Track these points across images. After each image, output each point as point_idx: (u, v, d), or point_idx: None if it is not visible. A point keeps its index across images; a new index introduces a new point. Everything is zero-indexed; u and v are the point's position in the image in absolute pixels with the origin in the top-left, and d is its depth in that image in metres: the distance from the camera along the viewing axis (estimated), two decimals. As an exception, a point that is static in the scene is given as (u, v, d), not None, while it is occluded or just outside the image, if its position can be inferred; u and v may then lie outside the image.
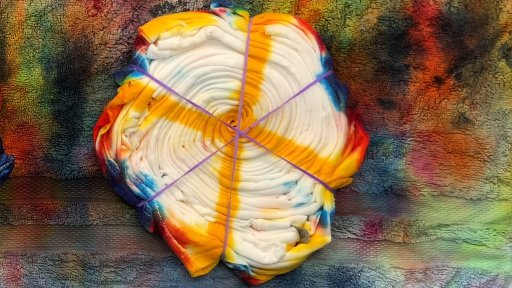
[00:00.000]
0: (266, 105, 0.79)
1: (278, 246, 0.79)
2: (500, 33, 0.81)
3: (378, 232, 0.83)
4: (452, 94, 0.82)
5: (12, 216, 0.80)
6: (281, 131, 0.79)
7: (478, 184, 0.83)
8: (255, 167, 0.80)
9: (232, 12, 0.78)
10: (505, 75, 0.81)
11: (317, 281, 0.83)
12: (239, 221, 0.80)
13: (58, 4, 0.78)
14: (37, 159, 0.80)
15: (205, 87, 0.78)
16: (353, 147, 0.80)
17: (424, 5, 0.80)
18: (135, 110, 0.77)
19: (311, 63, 0.79)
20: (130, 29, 0.79)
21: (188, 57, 0.78)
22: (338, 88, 0.79)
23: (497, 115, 0.82)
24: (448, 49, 0.81)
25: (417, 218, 0.83)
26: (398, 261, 0.83)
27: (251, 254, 0.80)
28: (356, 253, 0.83)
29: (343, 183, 0.81)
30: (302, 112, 0.79)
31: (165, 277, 0.81)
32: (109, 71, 0.79)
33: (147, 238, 0.81)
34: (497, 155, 0.83)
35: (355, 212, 0.83)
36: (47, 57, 0.78)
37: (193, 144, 0.79)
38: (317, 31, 0.79)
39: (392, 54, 0.81)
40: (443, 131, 0.82)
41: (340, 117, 0.80)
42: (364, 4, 0.80)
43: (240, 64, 0.78)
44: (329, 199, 0.80)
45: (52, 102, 0.79)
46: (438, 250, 0.83)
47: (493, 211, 0.83)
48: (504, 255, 0.84)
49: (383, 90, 0.82)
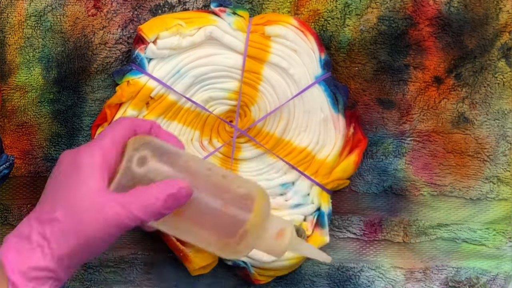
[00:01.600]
0: (264, 106, 0.79)
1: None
2: (500, 33, 0.81)
3: (378, 232, 0.83)
4: (451, 94, 0.82)
5: (12, 216, 0.80)
6: (279, 132, 0.79)
7: (478, 184, 0.83)
8: (252, 168, 0.80)
9: (232, 12, 0.78)
10: (504, 75, 0.81)
11: (317, 280, 0.83)
12: (238, 220, 0.80)
13: (58, 4, 0.78)
14: (37, 158, 0.80)
15: (204, 87, 0.78)
16: (351, 149, 0.80)
17: (424, 5, 0.80)
18: (133, 109, 0.77)
19: (310, 64, 0.79)
20: (130, 29, 0.79)
21: (187, 57, 0.77)
22: (336, 90, 0.79)
23: (496, 115, 0.82)
24: (448, 49, 0.81)
25: (417, 218, 0.83)
26: (398, 260, 0.83)
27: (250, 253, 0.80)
28: (356, 253, 0.83)
29: (340, 185, 0.81)
30: (300, 114, 0.79)
31: (165, 277, 0.81)
32: (108, 70, 0.79)
33: (147, 238, 0.81)
34: (496, 155, 0.82)
35: (354, 212, 0.83)
36: (47, 57, 0.78)
37: (191, 144, 0.79)
38: (317, 31, 0.79)
39: (392, 54, 0.81)
40: (442, 131, 0.82)
41: (338, 119, 0.80)
42: (363, 4, 0.80)
43: (239, 64, 0.78)
44: (326, 200, 0.80)
45: (52, 101, 0.79)
46: (438, 250, 0.83)
47: (493, 211, 0.83)
48: (504, 255, 0.83)
49: (382, 90, 0.81)
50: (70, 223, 0.61)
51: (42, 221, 0.61)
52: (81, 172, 0.62)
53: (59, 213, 0.61)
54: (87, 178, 0.62)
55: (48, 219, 0.61)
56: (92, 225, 0.61)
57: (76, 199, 0.61)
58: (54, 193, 0.63)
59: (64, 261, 0.61)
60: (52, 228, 0.61)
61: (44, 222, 0.61)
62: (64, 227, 0.61)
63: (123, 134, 0.64)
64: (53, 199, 0.62)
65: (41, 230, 0.61)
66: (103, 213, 0.61)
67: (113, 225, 0.61)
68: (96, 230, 0.61)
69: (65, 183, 0.62)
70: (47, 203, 0.63)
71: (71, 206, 0.61)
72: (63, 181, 0.63)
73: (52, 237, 0.61)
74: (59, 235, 0.61)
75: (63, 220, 0.61)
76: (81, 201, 0.61)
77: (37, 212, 0.63)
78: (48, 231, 0.61)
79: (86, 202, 0.61)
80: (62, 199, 0.62)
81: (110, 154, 0.63)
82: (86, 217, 0.61)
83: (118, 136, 0.64)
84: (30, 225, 0.62)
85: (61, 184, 0.63)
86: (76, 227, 0.61)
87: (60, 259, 0.61)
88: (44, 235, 0.61)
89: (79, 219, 0.61)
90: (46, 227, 0.61)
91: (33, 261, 0.60)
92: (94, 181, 0.62)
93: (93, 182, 0.61)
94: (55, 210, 0.61)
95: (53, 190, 0.63)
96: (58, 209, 0.61)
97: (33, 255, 0.61)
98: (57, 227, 0.61)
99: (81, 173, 0.62)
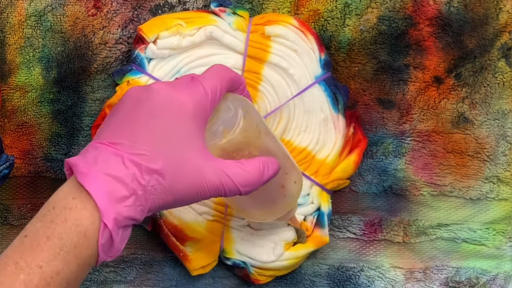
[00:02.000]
0: (264, 106, 0.79)
1: (276, 244, 0.79)
2: (500, 33, 0.81)
3: (378, 231, 0.83)
4: (451, 94, 0.82)
5: (12, 216, 0.80)
6: (279, 132, 0.79)
7: (478, 184, 0.83)
8: (253, 168, 0.80)
9: (232, 12, 0.78)
10: (504, 75, 0.81)
11: (317, 280, 0.83)
12: (237, 220, 0.80)
13: (58, 4, 0.78)
14: (37, 158, 0.80)
15: (204, 87, 0.78)
16: (351, 149, 0.80)
17: (424, 5, 0.80)
18: (134, 110, 0.77)
19: (310, 64, 0.79)
20: (130, 29, 0.79)
21: (187, 57, 0.78)
22: (336, 90, 0.79)
23: (496, 115, 0.82)
24: (448, 49, 0.81)
25: (417, 218, 0.83)
26: (398, 260, 0.83)
27: (250, 253, 0.80)
28: (356, 253, 0.83)
29: (340, 185, 0.81)
30: (300, 114, 0.79)
31: (164, 277, 0.81)
32: (108, 70, 0.79)
33: (147, 238, 0.81)
34: (496, 155, 0.82)
35: (354, 212, 0.83)
36: (47, 57, 0.78)
37: (192, 145, 0.79)
38: (317, 31, 0.79)
39: (392, 54, 0.81)
40: (442, 131, 0.82)
41: (338, 119, 0.80)
42: (363, 3, 0.80)
43: (239, 64, 0.78)
44: (326, 200, 0.80)
45: (52, 101, 0.79)
46: (438, 250, 0.83)
47: (493, 211, 0.83)
48: (504, 255, 0.83)
49: (382, 90, 0.81)
50: (172, 181, 0.59)
51: (141, 169, 0.58)
52: (184, 116, 0.59)
53: (162, 166, 0.58)
54: (193, 131, 0.59)
55: (149, 169, 0.58)
56: (194, 188, 0.59)
57: (181, 156, 0.59)
58: (146, 129, 0.59)
59: (151, 212, 0.60)
60: (153, 180, 0.58)
61: (144, 172, 0.58)
62: (166, 184, 0.59)
63: (227, 85, 0.63)
64: (150, 141, 0.59)
65: (141, 180, 0.58)
66: (208, 180, 0.59)
67: (212, 191, 0.60)
68: (195, 194, 0.59)
69: (162, 123, 0.59)
70: (139, 141, 0.59)
71: (176, 163, 0.59)
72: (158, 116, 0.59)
73: (153, 191, 0.58)
74: (160, 191, 0.59)
75: (167, 176, 0.58)
76: (186, 161, 0.59)
77: (128, 149, 0.59)
78: (149, 183, 0.58)
79: (192, 163, 0.59)
80: (164, 149, 0.59)
81: (213, 103, 0.62)
82: (190, 179, 0.59)
83: (223, 87, 0.63)
84: (126, 167, 0.58)
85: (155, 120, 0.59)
86: (178, 186, 0.59)
87: (150, 211, 0.59)
88: (144, 187, 0.58)
89: (183, 180, 0.59)
90: (147, 177, 0.58)
91: (128, 211, 0.58)
92: (200, 137, 0.59)
93: (199, 139, 0.59)
94: (156, 160, 0.58)
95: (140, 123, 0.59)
96: (159, 159, 0.58)
97: (129, 204, 0.58)
98: (158, 182, 0.58)
99: (184, 118, 0.59)
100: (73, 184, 0.59)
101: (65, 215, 0.58)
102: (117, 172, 0.59)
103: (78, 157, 0.61)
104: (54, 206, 0.59)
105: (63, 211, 0.58)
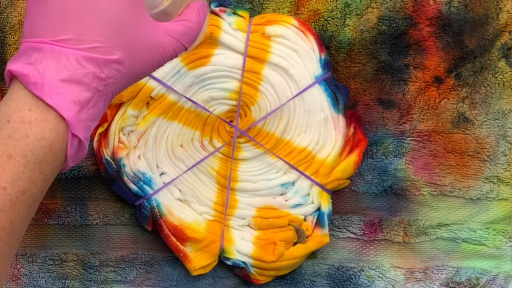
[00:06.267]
0: (264, 106, 0.79)
1: (276, 244, 0.79)
2: (500, 33, 0.81)
3: (378, 231, 0.83)
4: (451, 94, 0.82)
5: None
6: (279, 132, 0.79)
7: (478, 184, 0.83)
8: (252, 168, 0.80)
9: (232, 12, 0.78)
10: (504, 74, 0.81)
11: (317, 280, 0.83)
12: (237, 220, 0.80)
13: (58, 3, 0.78)
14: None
15: (204, 87, 0.78)
16: (351, 149, 0.80)
17: (424, 4, 0.80)
18: (133, 109, 0.77)
19: (310, 64, 0.79)
20: (130, 29, 0.79)
21: (187, 57, 0.77)
22: (337, 90, 0.79)
23: (496, 115, 0.82)
24: (448, 49, 0.81)
25: (417, 218, 0.83)
26: (398, 260, 0.83)
27: (250, 252, 0.80)
28: (356, 253, 0.83)
29: (340, 185, 0.81)
30: (300, 114, 0.79)
31: (165, 277, 0.81)
32: (109, 70, 0.79)
33: (147, 237, 0.81)
34: (496, 155, 0.82)
35: (354, 212, 0.83)
36: (47, 57, 0.78)
37: (191, 144, 0.79)
38: (317, 31, 0.79)
39: (392, 54, 0.81)
40: (442, 131, 0.82)
41: (338, 119, 0.80)
42: (364, 3, 0.80)
43: (239, 64, 0.78)
44: (326, 200, 0.80)
45: (52, 101, 0.79)
46: (438, 250, 0.83)
47: (493, 211, 0.83)
48: (504, 255, 0.83)
49: (382, 90, 0.81)
50: (130, 64, 0.55)
51: (99, 63, 0.54)
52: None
53: (120, 54, 0.54)
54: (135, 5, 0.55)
55: (108, 61, 0.54)
56: (150, 62, 0.57)
57: (134, 36, 0.55)
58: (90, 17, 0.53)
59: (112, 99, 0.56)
60: (113, 71, 0.54)
61: (103, 65, 0.54)
62: (125, 69, 0.55)
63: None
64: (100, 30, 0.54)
65: (101, 74, 0.54)
66: (162, 50, 0.57)
67: (166, 59, 0.57)
68: (151, 67, 0.57)
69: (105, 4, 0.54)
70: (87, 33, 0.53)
71: (131, 45, 0.55)
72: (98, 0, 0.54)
73: (113, 82, 0.55)
74: (121, 79, 0.55)
75: (125, 61, 0.55)
76: (139, 39, 0.55)
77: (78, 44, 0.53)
78: (109, 76, 0.54)
79: (144, 39, 0.55)
80: (117, 34, 0.54)
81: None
82: (146, 56, 0.56)
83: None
84: (82, 65, 0.53)
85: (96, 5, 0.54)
86: (136, 67, 0.56)
87: (112, 99, 0.56)
88: (104, 80, 0.54)
89: (140, 60, 0.56)
90: (106, 71, 0.54)
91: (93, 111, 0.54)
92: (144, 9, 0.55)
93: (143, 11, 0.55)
94: (113, 49, 0.54)
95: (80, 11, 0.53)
96: (115, 47, 0.54)
97: (93, 105, 0.54)
98: (118, 71, 0.55)
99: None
100: (24, 93, 0.53)
101: (25, 129, 0.52)
102: (74, 74, 0.53)
103: (22, 63, 0.54)
104: (8, 119, 0.53)
105: (21, 126, 0.52)
